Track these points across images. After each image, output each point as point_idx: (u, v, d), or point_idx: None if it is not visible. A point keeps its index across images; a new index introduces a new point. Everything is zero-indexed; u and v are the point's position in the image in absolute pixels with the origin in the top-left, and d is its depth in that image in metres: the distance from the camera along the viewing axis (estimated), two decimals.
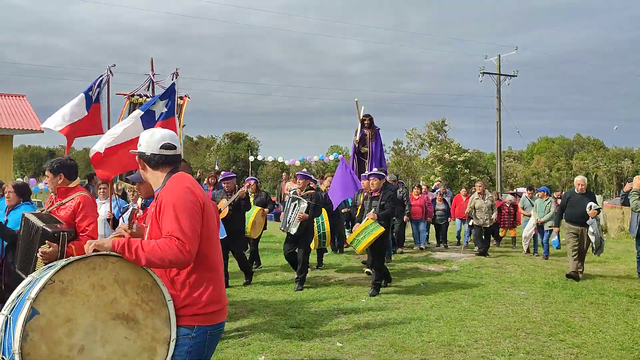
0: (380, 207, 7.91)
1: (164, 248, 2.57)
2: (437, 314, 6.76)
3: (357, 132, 12.59)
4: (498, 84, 32.57)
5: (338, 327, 6.24)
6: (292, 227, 8.27)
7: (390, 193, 8.17)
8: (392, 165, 40.72)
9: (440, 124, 40.24)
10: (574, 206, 9.30)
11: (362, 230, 7.75)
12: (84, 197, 4.25)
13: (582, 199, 9.23)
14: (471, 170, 37.43)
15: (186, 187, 2.78)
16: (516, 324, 6.33)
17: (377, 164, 12.36)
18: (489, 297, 7.78)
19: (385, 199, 7.99)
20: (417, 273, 9.78)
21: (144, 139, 2.93)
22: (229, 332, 6.05)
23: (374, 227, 7.72)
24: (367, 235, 7.69)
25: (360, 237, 7.73)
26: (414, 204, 13.08)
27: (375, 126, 12.65)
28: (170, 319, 2.64)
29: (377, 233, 7.67)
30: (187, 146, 67.89)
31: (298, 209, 8.31)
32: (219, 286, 2.84)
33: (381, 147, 12.96)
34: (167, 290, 2.66)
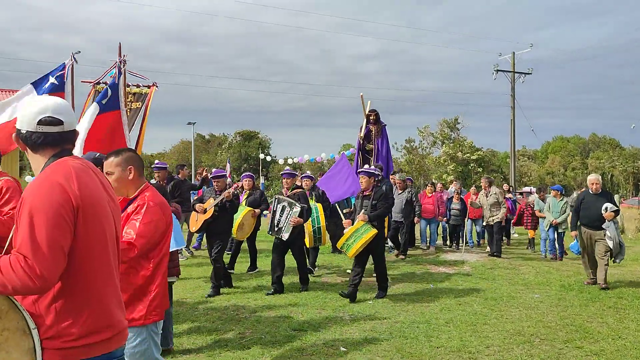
0: (371, 207, 7.35)
1: (7, 270, 1.94)
2: (447, 318, 6.47)
3: (362, 128, 12.11)
4: (512, 82, 32.05)
5: (343, 330, 5.97)
6: (285, 233, 7.73)
7: (382, 192, 7.59)
8: (404, 164, 40.38)
9: (453, 122, 39.69)
10: (589, 208, 8.48)
11: (352, 234, 7.23)
12: (7, 181, 4.17)
13: (597, 200, 8.42)
14: (484, 169, 36.88)
15: (55, 183, 2.06)
16: (530, 329, 6.02)
17: (383, 161, 11.95)
18: (501, 299, 7.46)
19: (377, 198, 7.41)
20: (427, 274, 9.49)
21: (21, 111, 2.23)
22: (229, 334, 5.82)
23: (365, 229, 7.19)
24: (358, 238, 7.15)
25: (351, 241, 7.20)
26: (425, 203, 12.68)
27: (382, 122, 12.20)
28: (36, 351, 2.03)
29: (369, 236, 7.13)
30: (199, 144, 68.00)
31: (290, 213, 7.75)
32: (101, 310, 2.18)
33: (387, 144, 12.44)
34: (29, 316, 2.04)
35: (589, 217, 8.45)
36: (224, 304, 7.15)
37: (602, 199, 8.41)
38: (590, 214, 8.43)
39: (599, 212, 8.25)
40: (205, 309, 6.92)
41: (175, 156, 70.22)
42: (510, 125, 32.12)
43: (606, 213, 8.19)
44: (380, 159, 12.00)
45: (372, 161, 11.95)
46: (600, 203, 8.33)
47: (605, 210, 8.20)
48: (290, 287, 8.25)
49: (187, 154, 57.14)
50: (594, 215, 8.35)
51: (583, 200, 8.66)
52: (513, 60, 32.17)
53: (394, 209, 11.14)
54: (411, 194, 11.80)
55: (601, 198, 8.45)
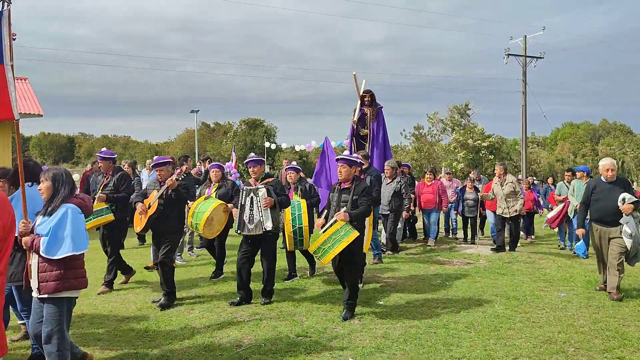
0: (352, 204, 6.00)
1: None
2: (467, 321, 5.84)
3: (356, 112, 10.97)
4: (524, 66, 31.12)
5: (351, 337, 5.35)
6: (267, 222, 6.42)
7: (365, 185, 6.16)
8: (412, 152, 39.55)
9: (463, 108, 38.70)
10: (601, 200, 7.05)
11: (330, 236, 5.80)
12: None
13: (612, 190, 6.97)
14: (496, 156, 36.03)
15: None
16: (561, 335, 5.38)
17: (379, 147, 10.84)
18: (524, 299, 6.82)
19: (358, 192, 6.04)
20: (441, 269, 8.85)
21: None
22: (224, 341, 5.22)
23: (345, 231, 5.78)
24: (336, 242, 5.75)
25: (327, 246, 5.78)
26: (425, 192, 11.66)
27: (377, 104, 11.01)
28: None
29: (350, 239, 5.76)
30: (204, 133, 67.45)
31: (259, 199, 6.47)
32: None
33: (384, 129, 11.10)
34: None
35: (602, 210, 7.02)
36: (221, 306, 6.56)
37: (618, 188, 6.96)
38: (604, 207, 7.00)
39: (614, 204, 6.82)
40: (201, 311, 6.34)
41: (180, 145, 69.73)
42: (522, 111, 31.24)
43: (624, 205, 6.74)
44: (376, 145, 10.87)
45: (367, 147, 10.86)
46: (616, 193, 6.87)
47: (623, 202, 6.76)
48: (292, 287, 7.64)
49: (192, 143, 56.58)
50: (609, 208, 6.93)
51: (594, 190, 7.20)
52: (525, 44, 31.22)
53: (382, 200, 10.08)
54: (400, 184, 10.43)
55: (617, 187, 6.99)
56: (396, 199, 10.29)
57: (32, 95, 14.48)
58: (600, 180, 7.22)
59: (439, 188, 11.68)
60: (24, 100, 14.06)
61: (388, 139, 11.29)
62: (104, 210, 7.26)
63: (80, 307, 6.32)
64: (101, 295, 7.18)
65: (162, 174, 6.68)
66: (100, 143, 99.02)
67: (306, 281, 7.95)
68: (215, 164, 8.59)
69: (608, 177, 7.10)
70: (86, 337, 5.45)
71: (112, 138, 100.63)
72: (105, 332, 5.59)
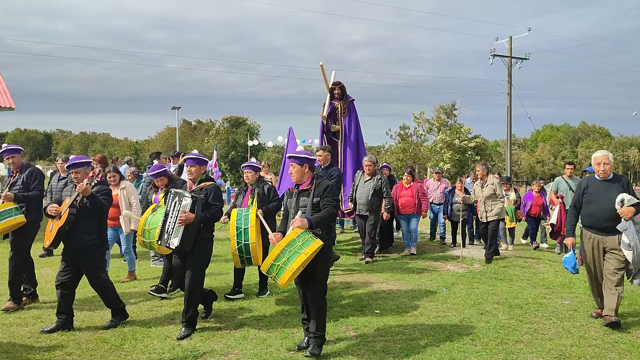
0: (312, 207, 4.86)
1: None
2: (470, 333, 5.42)
3: (325, 106, 10.16)
4: (509, 67, 31.06)
5: (348, 352, 4.90)
6: (173, 238, 5.26)
7: (327, 183, 4.97)
8: (398, 152, 39.23)
9: (450, 108, 38.50)
10: (595, 201, 5.80)
11: (283, 249, 4.56)
12: None
13: (607, 189, 5.76)
14: (482, 157, 35.91)
15: None
16: (574, 349, 4.99)
17: (351, 145, 10.15)
18: (528, 307, 6.43)
19: (319, 193, 4.87)
20: (436, 274, 8.44)
21: None
22: (208, 356, 4.73)
23: (303, 240, 4.59)
24: (293, 255, 4.52)
25: (282, 261, 4.53)
26: (403, 195, 10.43)
27: (349, 96, 10.25)
28: None
29: (310, 250, 4.55)
30: (185, 130, 66.51)
31: (179, 208, 5.31)
32: None
33: (356, 123, 10.31)
34: None
35: (596, 214, 5.78)
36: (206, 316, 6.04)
37: (615, 188, 5.76)
38: (598, 210, 5.76)
39: (610, 206, 5.64)
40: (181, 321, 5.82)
41: (161, 142, 68.74)
42: (507, 112, 31.16)
43: (622, 208, 5.56)
44: (347, 143, 10.15)
45: (339, 144, 10.20)
46: (612, 193, 5.69)
47: (621, 204, 5.58)
48: (286, 296, 7.16)
49: (173, 141, 55.68)
50: (603, 212, 5.71)
51: (586, 190, 5.92)
52: (510, 45, 31.17)
53: (360, 200, 9.47)
54: (380, 182, 9.47)
55: (613, 186, 5.78)
56: (375, 198, 9.40)
57: (3, 88, 13.75)
58: (594, 178, 5.94)
59: (417, 191, 10.49)
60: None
61: (362, 134, 10.49)
62: (12, 211, 6.15)
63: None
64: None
65: (79, 177, 5.50)
66: (78, 140, 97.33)
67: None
68: (157, 166, 7.25)
69: (600, 172, 5.82)
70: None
71: (91, 135, 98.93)
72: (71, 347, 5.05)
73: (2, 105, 12.55)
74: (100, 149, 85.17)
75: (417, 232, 10.67)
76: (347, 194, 9.95)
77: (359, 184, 9.56)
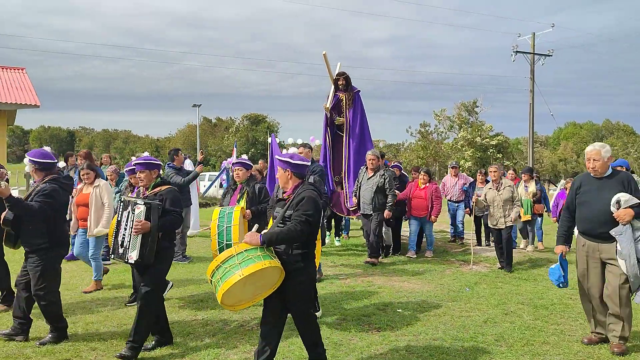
0: (282, 219, 4.09)
1: None
2: (495, 333, 5.34)
3: (329, 98, 9.65)
4: (532, 64, 30.62)
5: (370, 350, 4.85)
6: (131, 251, 4.64)
7: (306, 195, 4.05)
8: (418, 149, 38.98)
9: (472, 105, 38.12)
10: (588, 202, 4.95)
11: (220, 265, 3.83)
12: None
13: (601, 188, 4.88)
14: (504, 155, 35.53)
15: None
16: (603, 351, 4.87)
17: (357, 138, 9.67)
18: (553, 308, 6.32)
19: (294, 205, 4.07)
20: (458, 273, 8.35)
21: None
22: (231, 354, 4.72)
23: (244, 259, 3.77)
24: (226, 274, 3.76)
25: (215, 279, 3.85)
26: (415, 196, 9.79)
27: (354, 87, 9.79)
28: None
29: (248, 272, 3.71)
30: (205, 128, 66.95)
31: (133, 216, 4.69)
32: None
33: (362, 116, 9.74)
34: None
35: (589, 218, 4.93)
36: (227, 312, 6.04)
37: (612, 187, 4.84)
38: (591, 213, 4.91)
39: (605, 208, 4.77)
40: (204, 319, 5.84)
41: (181, 140, 69.31)
42: (529, 110, 30.74)
43: (618, 210, 4.68)
44: (352, 136, 9.69)
45: (344, 138, 9.72)
46: (608, 192, 4.80)
47: (618, 206, 4.71)
48: None
49: (193, 138, 56.08)
50: (598, 215, 4.84)
51: (580, 190, 5.08)
52: (533, 41, 30.72)
53: (363, 199, 9.01)
54: (385, 178, 8.88)
55: (610, 184, 4.87)
56: (380, 196, 8.90)
57: (29, 86, 13.96)
58: (588, 175, 5.06)
59: (432, 193, 9.77)
60: (20, 91, 13.55)
61: (368, 127, 9.99)
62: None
63: None
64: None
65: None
66: (101, 137, 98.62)
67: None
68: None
69: (591, 170, 4.96)
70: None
71: (113, 132, 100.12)
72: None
73: (27, 102, 12.72)
74: (121, 146, 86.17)
75: (433, 236, 10.16)
76: (351, 190, 9.56)
77: (362, 181, 9.10)
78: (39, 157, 5.08)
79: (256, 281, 3.83)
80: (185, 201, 9.25)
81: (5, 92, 13.07)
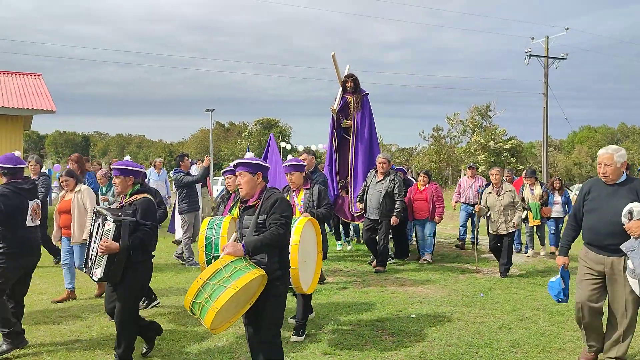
0: (255, 228, 3.79)
1: None
2: (510, 340, 5.30)
3: (337, 100, 9.45)
4: (546, 67, 30.40)
5: (384, 355, 4.83)
6: (96, 268, 4.37)
7: (277, 197, 3.83)
8: (430, 154, 38.86)
9: (485, 109, 37.92)
10: (596, 210, 4.48)
11: (207, 282, 3.48)
12: None
13: (612, 196, 4.41)
14: (517, 159, 35.31)
15: None
16: None
17: (365, 142, 9.44)
18: (569, 314, 6.24)
19: (266, 209, 3.80)
20: (472, 278, 8.29)
21: None
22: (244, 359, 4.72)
23: (233, 271, 3.50)
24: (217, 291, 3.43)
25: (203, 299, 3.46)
26: (417, 199, 9.66)
27: (362, 90, 9.59)
28: None
29: (241, 283, 3.44)
30: (218, 132, 67.30)
31: (102, 233, 4.37)
32: None
33: (370, 119, 9.53)
34: None
35: (596, 228, 4.45)
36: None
37: (624, 194, 4.36)
38: (598, 223, 4.43)
39: (615, 218, 4.29)
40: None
41: (194, 144, 69.70)
42: (543, 113, 30.52)
43: (631, 222, 4.19)
44: (360, 140, 9.43)
45: (351, 142, 9.46)
46: (619, 201, 4.33)
47: (630, 217, 4.22)
48: (317, 299, 7.12)
49: (207, 143, 56.36)
50: (605, 226, 4.37)
51: (588, 196, 4.59)
52: (547, 45, 30.52)
53: (370, 203, 8.68)
54: (394, 183, 8.64)
55: (621, 191, 4.39)
56: (388, 201, 8.59)
57: (45, 92, 14.15)
58: (598, 181, 4.56)
59: (432, 193, 9.65)
60: (37, 97, 13.72)
61: (376, 131, 9.80)
62: None
63: None
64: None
65: None
66: (115, 142, 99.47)
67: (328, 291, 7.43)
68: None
69: (601, 176, 4.47)
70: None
71: (127, 137, 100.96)
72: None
73: (43, 108, 12.90)
74: (135, 150, 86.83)
75: (433, 239, 9.84)
76: (356, 195, 9.26)
77: (370, 185, 8.76)
78: (2, 162, 4.97)
79: (241, 296, 3.52)
80: (193, 205, 9.24)
81: (22, 98, 13.26)
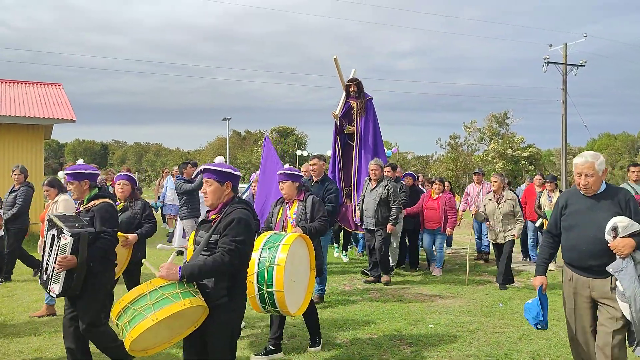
0: (206, 246, 3.31)
1: None
2: (531, 350, 5.24)
3: (340, 105, 9.22)
4: (564, 75, 30.11)
5: None
6: (53, 283, 3.97)
7: (236, 216, 3.27)
8: (447, 161, 38.65)
9: (502, 117, 37.67)
10: (575, 227, 3.89)
11: (128, 306, 3.12)
12: None
13: (593, 210, 3.83)
14: (536, 167, 34.98)
15: None
16: None
17: (369, 149, 9.11)
18: None
19: (220, 229, 3.29)
20: (491, 288, 8.22)
21: None
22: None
23: (158, 298, 3.09)
24: (136, 318, 3.05)
25: (123, 323, 3.12)
26: (429, 207, 9.24)
27: (367, 95, 9.28)
28: None
29: (163, 315, 3.02)
30: (235, 141, 67.69)
31: (58, 246, 3.93)
32: None
33: (374, 125, 9.21)
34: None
35: (577, 247, 3.87)
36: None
37: (606, 207, 3.79)
38: (579, 241, 3.85)
39: (598, 235, 3.71)
40: None
41: (211, 152, 70.11)
42: (562, 121, 30.20)
43: (616, 240, 3.62)
44: (363, 146, 9.11)
45: (354, 148, 9.15)
46: (602, 214, 3.76)
47: (614, 234, 3.63)
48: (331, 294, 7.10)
49: (223, 151, 56.73)
50: (588, 244, 3.80)
51: (565, 211, 4.00)
52: (565, 52, 30.24)
53: (366, 212, 8.30)
54: (387, 190, 8.17)
55: (603, 204, 3.81)
56: (383, 209, 8.20)
57: (65, 101, 14.38)
58: (576, 192, 3.97)
59: (445, 203, 9.16)
60: (58, 106, 13.95)
61: (381, 137, 9.43)
62: None
63: None
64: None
65: None
66: (133, 150, 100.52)
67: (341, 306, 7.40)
68: (122, 174, 5.99)
69: (582, 188, 3.87)
70: None
71: (144, 145, 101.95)
72: None
73: (63, 117, 13.10)
74: (153, 158, 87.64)
75: (443, 252, 9.42)
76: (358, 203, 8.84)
77: (365, 193, 8.44)
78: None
79: (173, 322, 3.13)
80: (194, 211, 9.19)
81: (42, 108, 13.50)
